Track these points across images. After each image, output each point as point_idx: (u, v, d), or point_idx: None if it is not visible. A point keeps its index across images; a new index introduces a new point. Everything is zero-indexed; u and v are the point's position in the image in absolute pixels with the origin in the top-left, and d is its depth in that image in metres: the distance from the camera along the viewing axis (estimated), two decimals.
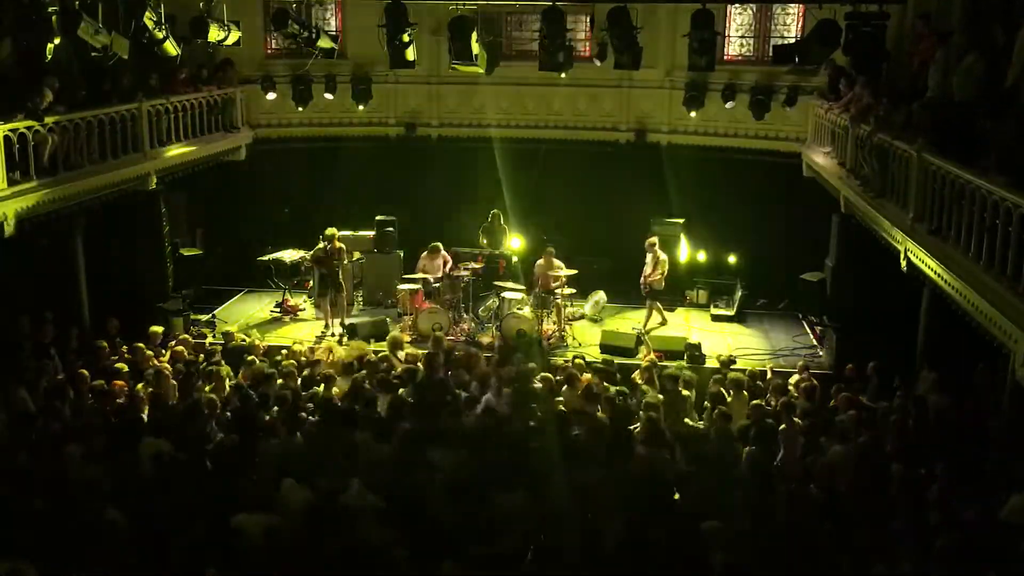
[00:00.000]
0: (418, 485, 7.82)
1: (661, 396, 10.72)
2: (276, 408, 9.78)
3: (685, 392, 11.02)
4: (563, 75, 15.51)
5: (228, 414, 9.97)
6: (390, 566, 6.53)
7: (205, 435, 9.27)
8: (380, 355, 11.98)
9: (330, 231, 14.73)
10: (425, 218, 16.95)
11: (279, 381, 10.76)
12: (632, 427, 9.57)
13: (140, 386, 10.52)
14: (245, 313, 15.92)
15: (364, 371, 11.11)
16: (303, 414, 9.62)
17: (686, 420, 10.68)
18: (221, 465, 8.45)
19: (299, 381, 10.93)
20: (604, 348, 13.92)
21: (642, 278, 15.00)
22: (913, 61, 12.05)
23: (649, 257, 14.94)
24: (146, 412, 9.96)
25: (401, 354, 12.29)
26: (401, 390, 10.46)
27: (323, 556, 6.70)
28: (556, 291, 14.54)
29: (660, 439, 9.10)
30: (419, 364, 11.60)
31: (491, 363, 12.04)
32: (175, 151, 14.76)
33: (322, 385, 10.91)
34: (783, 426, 9.88)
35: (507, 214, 16.50)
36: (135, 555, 6.85)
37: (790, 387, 11.40)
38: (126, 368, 11.16)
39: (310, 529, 7.01)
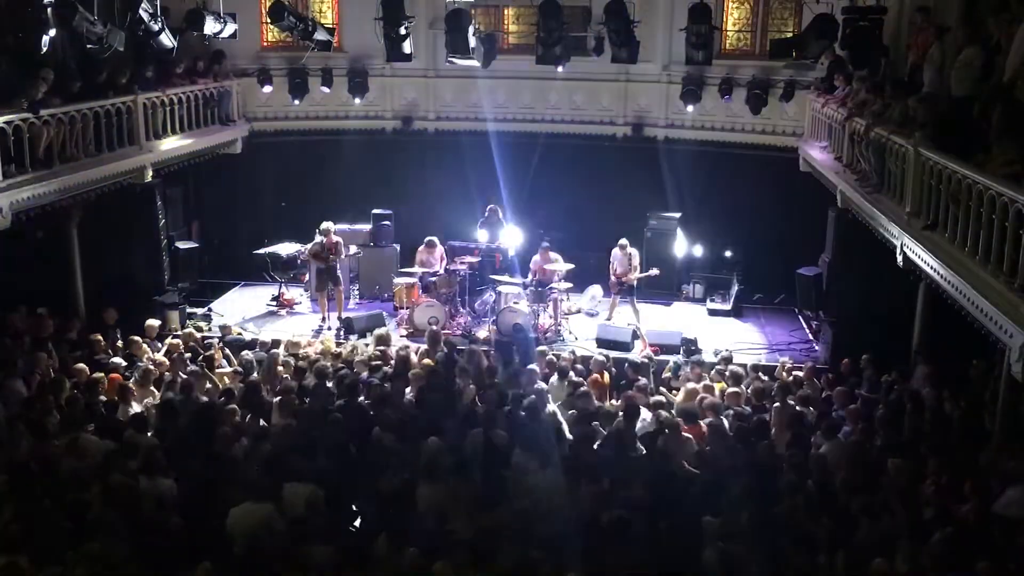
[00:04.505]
0: None
1: None
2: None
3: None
4: (560, 69, 15.50)
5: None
6: None
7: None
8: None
9: (326, 225, 14.70)
10: (422, 212, 16.91)
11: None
12: None
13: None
14: (242, 307, 15.89)
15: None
16: None
17: None
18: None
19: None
20: (600, 342, 13.91)
21: (613, 277, 14.90)
22: (910, 55, 12.02)
23: (621, 255, 14.82)
24: (135, 406, 9.98)
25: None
26: None
27: None
28: (553, 285, 14.51)
29: None
30: None
31: None
32: (171, 144, 14.68)
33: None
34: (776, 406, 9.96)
35: (504, 208, 16.48)
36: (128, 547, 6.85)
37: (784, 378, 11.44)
38: (123, 363, 11.17)
39: None
